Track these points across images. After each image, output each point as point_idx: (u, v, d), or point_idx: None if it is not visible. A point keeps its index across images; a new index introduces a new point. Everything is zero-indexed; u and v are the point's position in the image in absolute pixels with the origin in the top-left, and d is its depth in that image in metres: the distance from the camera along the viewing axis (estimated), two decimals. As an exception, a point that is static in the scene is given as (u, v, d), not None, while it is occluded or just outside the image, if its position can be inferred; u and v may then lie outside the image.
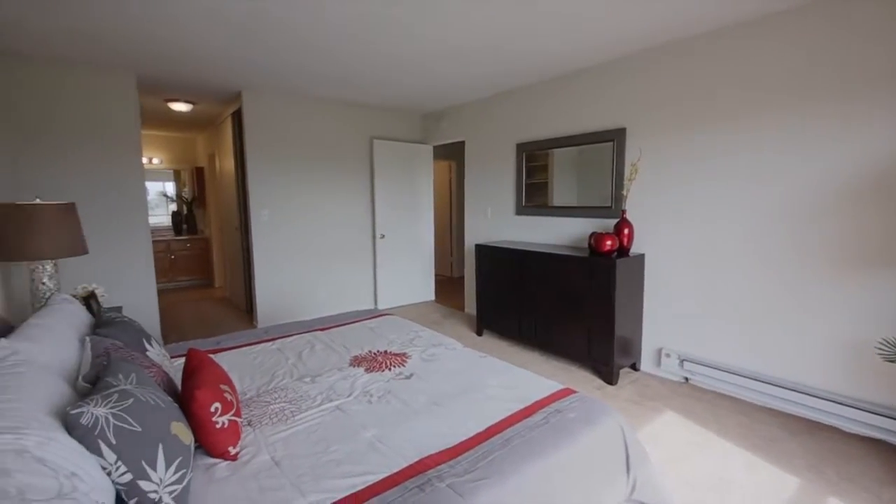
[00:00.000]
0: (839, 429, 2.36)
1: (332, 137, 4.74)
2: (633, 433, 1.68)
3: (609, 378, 3.02)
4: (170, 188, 7.03)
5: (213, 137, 5.94)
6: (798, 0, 2.32)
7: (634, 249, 3.22)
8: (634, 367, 3.27)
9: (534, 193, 4.09)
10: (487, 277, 3.99)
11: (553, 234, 3.90)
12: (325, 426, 1.55)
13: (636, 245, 3.21)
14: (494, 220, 4.53)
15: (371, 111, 5.00)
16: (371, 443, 1.44)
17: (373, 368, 2.06)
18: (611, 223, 3.32)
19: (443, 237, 6.90)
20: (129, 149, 3.58)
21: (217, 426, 1.32)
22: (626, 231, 3.11)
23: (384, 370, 2.04)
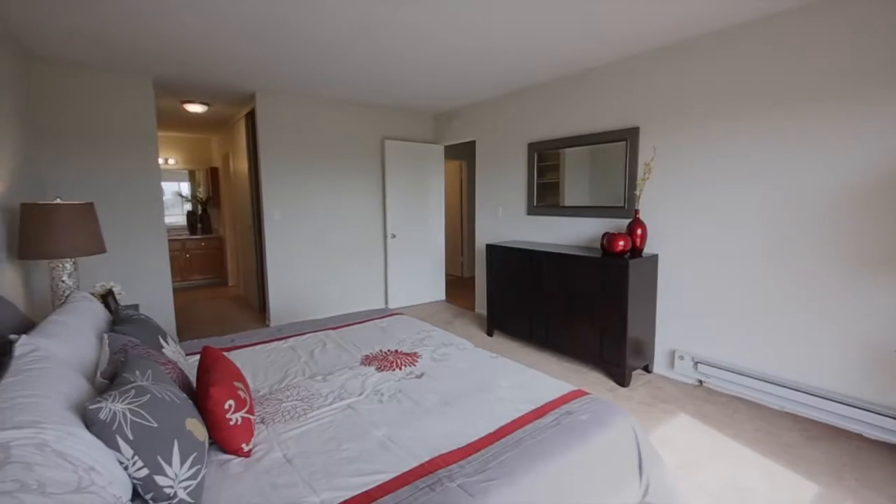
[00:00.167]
0: (862, 435, 2.30)
1: (344, 138, 4.77)
2: (646, 436, 1.66)
3: (621, 380, 2.99)
4: (185, 188, 7.14)
5: (228, 138, 6.03)
6: (818, -5, 2.28)
7: (648, 250, 3.18)
8: (647, 370, 3.23)
9: (545, 193, 4.07)
10: (498, 277, 3.98)
11: (565, 235, 3.87)
12: (337, 424, 1.56)
13: (649, 245, 3.17)
14: (505, 220, 4.51)
15: (382, 112, 5.02)
16: (382, 442, 1.45)
17: (384, 368, 2.06)
18: (623, 223, 3.29)
19: (453, 237, 6.90)
20: (146, 150, 3.65)
21: (231, 423, 1.34)
22: (640, 231, 3.07)
23: (395, 369, 2.05)
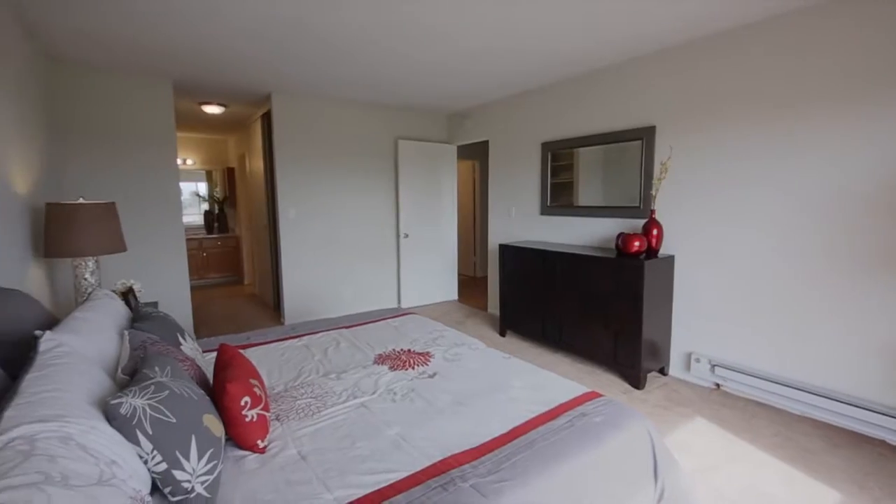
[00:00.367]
0: (885, 441, 2.24)
1: (358, 138, 4.80)
2: (662, 439, 1.63)
3: (636, 382, 2.95)
4: (202, 188, 7.28)
5: (244, 138, 6.11)
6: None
7: (663, 251, 3.13)
8: (662, 372, 3.18)
9: (559, 193, 4.04)
10: (511, 277, 3.97)
11: (578, 235, 3.84)
12: (351, 423, 1.57)
13: (665, 246, 3.12)
14: (518, 220, 4.49)
15: (396, 112, 5.04)
16: (395, 440, 1.45)
17: (396, 367, 2.07)
18: (639, 223, 3.25)
19: (466, 237, 6.89)
20: (165, 150, 3.73)
21: (246, 419, 1.36)
22: (655, 232, 3.03)
23: (408, 369, 2.05)
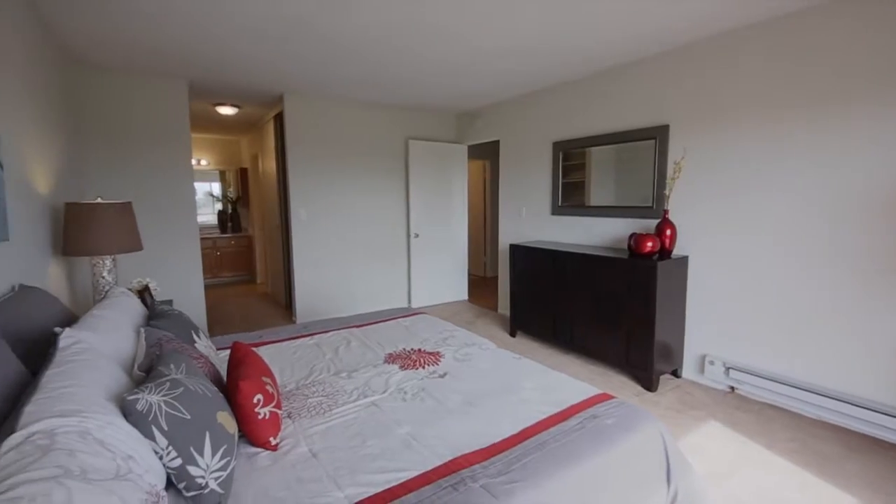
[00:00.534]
0: (906, 448, 2.18)
1: (369, 138, 4.83)
2: (675, 442, 1.61)
3: (648, 384, 2.92)
4: (216, 188, 7.37)
5: (257, 139, 6.18)
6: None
7: (677, 251, 3.09)
8: (675, 374, 3.14)
9: (570, 193, 4.01)
10: (522, 278, 3.95)
11: (590, 235, 3.80)
12: (361, 421, 1.58)
13: (679, 247, 3.08)
14: (529, 220, 4.47)
15: (406, 112, 5.05)
16: (405, 440, 1.46)
17: (407, 366, 2.08)
18: (652, 224, 3.21)
19: (476, 236, 6.88)
20: (180, 151, 3.79)
21: (259, 417, 1.37)
22: (669, 232, 2.99)
23: (418, 368, 2.06)
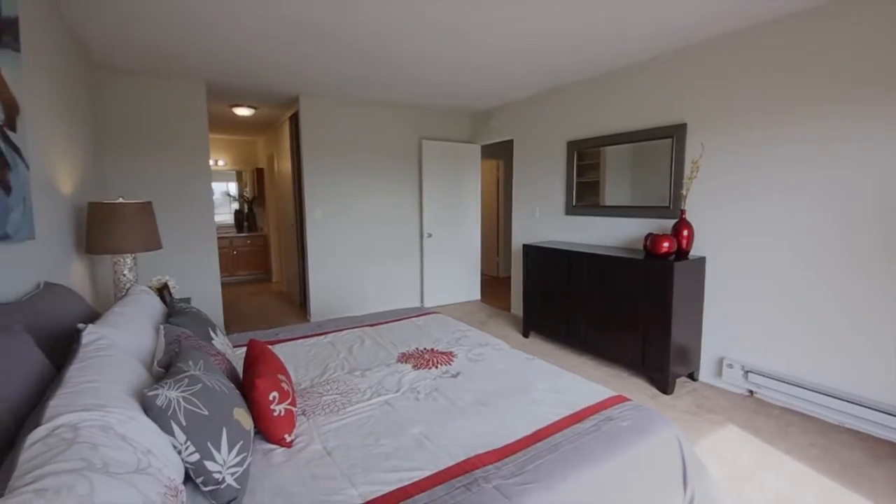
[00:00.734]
0: (935, 456, 2.11)
1: (383, 138, 4.85)
2: (691, 446, 1.59)
3: (664, 387, 2.87)
4: (232, 188, 7.49)
5: (272, 140, 6.26)
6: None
7: (694, 252, 3.04)
8: (692, 377, 3.09)
9: (584, 193, 3.97)
10: (535, 278, 3.93)
11: (605, 235, 3.76)
12: (375, 420, 1.59)
13: (696, 247, 3.03)
14: (543, 220, 4.44)
15: (420, 112, 5.06)
16: (418, 439, 1.46)
17: (420, 366, 2.08)
18: (668, 224, 3.16)
19: (489, 236, 6.87)
20: (198, 152, 3.86)
21: (274, 414, 1.39)
22: (686, 232, 2.94)
23: (431, 368, 2.06)
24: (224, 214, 7.32)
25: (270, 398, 1.38)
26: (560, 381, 1.91)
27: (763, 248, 2.72)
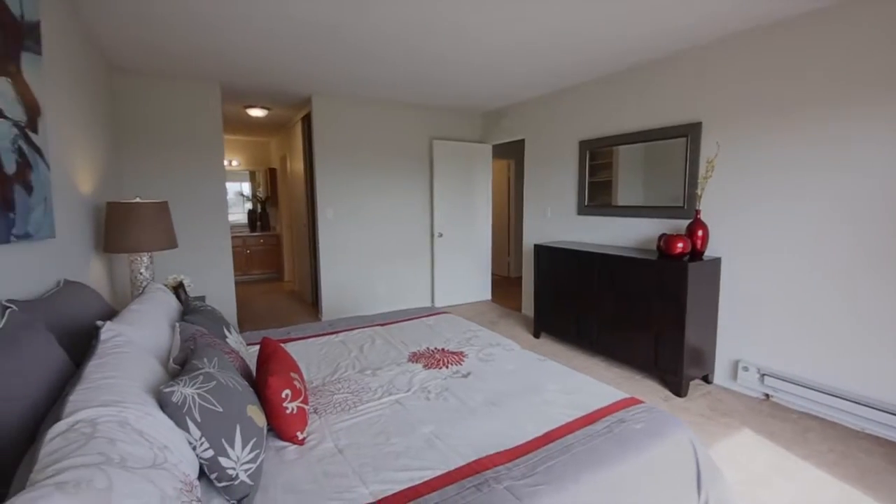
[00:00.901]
0: (960, 464, 2.05)
1: (394, 138, 4.87)
2: (706, 450, 1.56)
3: (677, 389, 2.83)
4: (246, 188, 7.59)
5: (285, 140, 6.33)
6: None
7: (709, 252, 2.99)
8: (706, 380, 3.04)
9: (597, 192, 3.94)
10: (546, 278, 3.90)
11: (617, 235, 3.73)
12: (386, 419, 1.59)
13: (711, 248, 2.98)
14: (554, 220, 4.42)
15: (431, 112, 5.07)
16: (429, 438, 1.46)
17: (430, 365, 2.08)
18: (682, 224, 3.12)
19: (500, 236, 6.84)
20: (213, 153, 3.91)
21: (287, 411, 1.40)
22: (700, 233, 2.90)
23: (442, 367, 2.06)
24: (237, 214, 7.41)
25: (283, 396, 1.40)
26: (571, 383, 1.90)
27: (780, 250, 2.66)
